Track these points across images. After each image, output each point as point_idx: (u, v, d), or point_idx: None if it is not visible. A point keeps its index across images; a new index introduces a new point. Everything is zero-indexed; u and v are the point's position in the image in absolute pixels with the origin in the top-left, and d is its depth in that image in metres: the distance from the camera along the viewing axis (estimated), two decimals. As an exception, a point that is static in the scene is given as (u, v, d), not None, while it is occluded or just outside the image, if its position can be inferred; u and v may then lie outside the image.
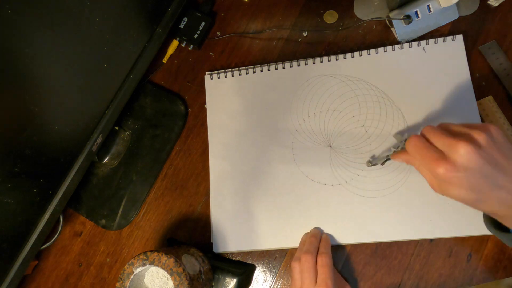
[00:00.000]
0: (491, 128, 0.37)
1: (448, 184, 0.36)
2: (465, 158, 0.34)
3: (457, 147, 0.35)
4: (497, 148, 0.36)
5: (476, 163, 0.34)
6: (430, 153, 0.37)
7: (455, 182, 0.36)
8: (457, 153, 0.35)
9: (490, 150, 0.35)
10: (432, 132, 0.38)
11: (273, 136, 0.56)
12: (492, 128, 0.37)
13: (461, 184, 0.36)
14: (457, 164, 0.35)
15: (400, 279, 0.50)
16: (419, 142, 0.39)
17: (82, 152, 0.50)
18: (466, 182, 0.35)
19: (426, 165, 0.37)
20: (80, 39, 0.43)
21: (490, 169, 0.35)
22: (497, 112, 0.51)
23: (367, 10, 0.57)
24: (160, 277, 0.47)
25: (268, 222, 0.53)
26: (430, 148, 0.37)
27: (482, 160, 0.34)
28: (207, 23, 0.61)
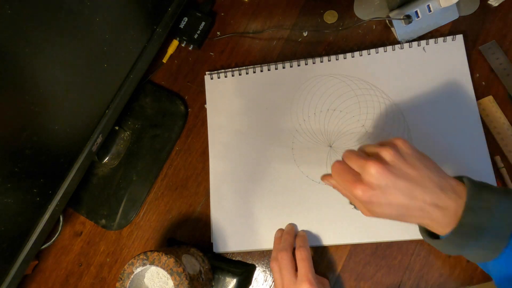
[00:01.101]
0: (397, 142, 0.38)
1: (370, 205, 0.37)
2: (376, 177, 0.36)
3: (367, 167, 0.36)
4: (405, 161, 0.37)
5: (388, 179, 0.36)
6: (347, 176, 0.38)
7: (375, 201, 0.37)
8: (368, 174, 0.36)
9: (398, 164, 0.36)
10: (348, 156, 0.40)
11: (273, 136, 0.56)
12: (399, 141, 0.38)
13: (381, 202, 0.37)
14: (371, 184, 0.36)
15: (400, 279, 0.50)
16: (339, 167, 0.40)
17: (82, 152, 0.50)
18: (384, 199, 0.36)
19: (346, 189, 0.39)
20: (80, 39, 0.43)
21: (402, 182, 0.36)
22: (497, 112, 0.51)
23: (367, 10, 0.57)
24: (160, 277, 0.47)
25: (268, 222, 0.53)
26: (348, 172, 0.39)
27: (392, 176, 0.36)
28: (207, 23, 0.61)
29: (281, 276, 0.45)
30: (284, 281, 0.45)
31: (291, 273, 0.45)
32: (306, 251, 0.46)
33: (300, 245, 0.48)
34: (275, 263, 0.47)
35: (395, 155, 0.37)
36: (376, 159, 0.37)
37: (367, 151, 0.40)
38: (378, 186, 0.36)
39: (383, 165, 0.36)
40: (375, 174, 0.36)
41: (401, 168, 0.36)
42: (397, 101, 0.53)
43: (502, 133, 0.50)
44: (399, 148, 0.37)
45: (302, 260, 0.45)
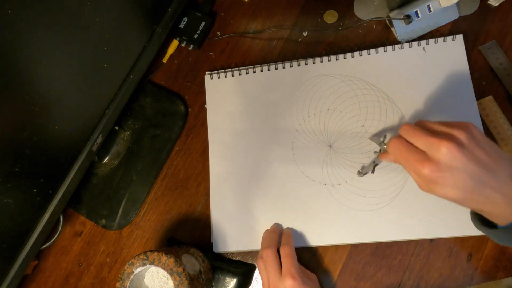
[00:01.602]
0: (471, 126, 0.37)
1: (434, 184, 0.36)
2: (448, 157, 0.35)
3: (439, 146, 0.35)
4: (479, 146, 0.36)
5: (459, 161, 0.35)
6: (413, 155, 0.37)
7: (441, 182, 0.36)
8: (440, 153, 0.35)
9: (471, 148, 0.35)
10: (412, 132, 0.38)
11: (273, 136, 0.56)
12: (472, 126, 0.37)
13: (447, 183, 0.36)
14: (441, 164, 0.35)
15: (400, 279, 0.50)
16: (399, 144, 0.39)
17: (82, 152, 0.50)
18: (451, 181, 0.35)
19: (411, 167, 0.38)
20: (80, 38, 0.43)
21: (474, 166, 0.35)
22: (497, 112, 0.51)
23: (367, 10, 0.57)
24: (160, 277, 0.47)
25: (268, 222, 0.53)
26: (412, 149, 0.38)
27: (465, 158, 0.35)
28: (207, 23, 0.61)
29: (267, 273, 0.46)
30: (269, 277, 0.46)
31: (275, 269, 0.45)
32: (289, 248, 0.47)
33: (283, 242, 0.48)
34: (260, 261, 0.47)
35: (469, 138, 0.35)
36: (450, 139, 0.35)
37: (433, 128, 0.38)
38: (449, 167, 0.35)
39: (457, 145, 0.35)
40: (447, 154, 0.35)
41: (474, 151, 0.35)
42: (397, 101, 0.53)
43: (502, 133, 0.50)
44: (473, 132, 0.36)
45: (285, 256, 0.46)
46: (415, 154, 0.37)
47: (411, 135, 0.38)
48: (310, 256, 0.52)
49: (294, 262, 0.46)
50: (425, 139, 0.37)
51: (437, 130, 0.38)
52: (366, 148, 0.53)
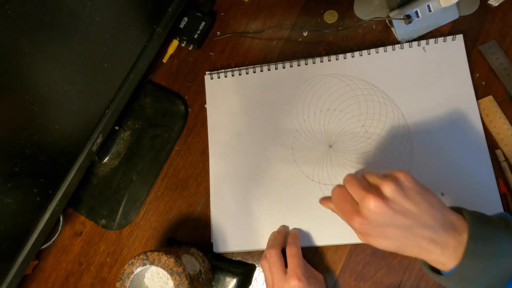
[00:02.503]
0: (399, 174, 0.37)
1: (367, 236, 0.37)
2: (374, 212, 0.35)
3: (366, 201, 0.36)
4: (406, 196, 0.36)
5: (386, 215, 0.35)
6: (346, 205, 0.38)
7: (372, 234, 0.36)
8: (366, 208, 0.36)
9: (398, 199, 0.35)
10: (350, 183, 0.39)
11: (273, 136, 0.56)
12: (401, 174, 0.37)
13: (378, 235, 0.36)
14: (368, 218, 0.36)
15: (400, 279, 0.50)
16: (339, 193, 0.39)
17: (82, 152, 0.50)
18: (381, 233, 0.36)
19: (344, 217, 0.38)
20: (80, 38, 0.43)
21: (401, 218, 0.35)
22: (497, 112, 0.51)
23: (367, 10, 0.57)
24: (160, 277, 0.47)
25: (268, 222, 0.53)
26: (346, 200, 0.38)
27: (390, 211, 0.35)
28: (207, 23, 0.61)
29: (271, 274, 0.46)
30: (274, 278, 0.45)
31: (280, 270, 0.45)
32: (295, 248, 0.47)
33: (290, 242, 0.48)
34: (264, 261, 0.47)
35: (396, 190, 0.36)
36: (376, 193, 0.36)
37: (369, 181, 0.39)
38: (376, 221, 0.36)
39: (383, 200, 0.35)
40: (373, 208, 0.35)
41: (401, 203, 0.35)
42: (397, 101, 0.53)
43: (502, 133, 0.50)
44: (401, 181, 0.36)
45: (291, 257, 0.46)
46: (348, 205, 0.38)
47: (349, 184, 0.39)
48: (310, 256, 0.52)
49: (300, 262, 0.45)
50: (357, 191, 0.37)
51: (371, 182, 0.38)
52: (366, 148, 0.53)
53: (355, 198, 0.38)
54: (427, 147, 0.51)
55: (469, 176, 0.49)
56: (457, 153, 0.50)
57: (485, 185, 0.48)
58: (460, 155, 0.50)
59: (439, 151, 0.50)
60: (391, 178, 0.37)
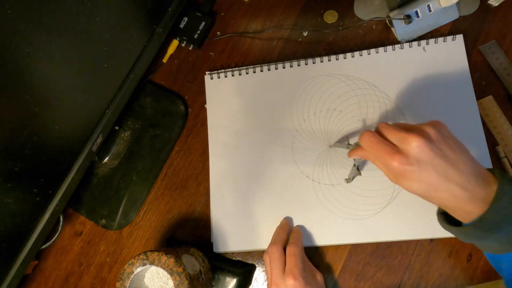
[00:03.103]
0: (440, 124, 0.39)
1: (401, 177, 0.38)
2: (417, 151, 0.36)
3: (409, 140, 0.36)
4: (446, 142, 0.37)
5: (427, 155, 0.36)
6: (384, 147, 0.38)
7: (408, 175, 0.37)
8: (409, 146, 0.36)
9: (439, 143, 0.37)
10: (386, 128, 0.40)
11: (273, 136, 0.56)
12: (441, 124, 0.39)
13: (414, 177, 0.37)
14: (409, 157, 0.36)
15: (400, 279, 0.50)
16: (372, 137, 0.40)
17: (82, 152, 0.50)
18: (418, 174, 0.37)
19: (380, 159, 0.39)
20: (80, 38, 0.43)
21: (440, 161, 0.36)
22: (497, 112, 0.51)
23: (367, 10, 0.57)
24: (160, 277, 0.47)
25: (268, 222, 0.53)
26: (384, 142, 0.39)
27: (432, 152, 0.36)
28: (207, 23, 0.61)
29: (271, 269, 0.47)
30: (272, 274, 0.46)
31: (279, 267, 0.46)
32: (295, 247, 0.47)
33: (290, 241, 0.49)
34: (266, 256, 0.48)
35: (438, 134, 0.37)
36: (420, 134, 0.37)
37: (406, 126, 0.40)
38: (417, 161, 0.36)
39: (426, 140, 0.36)
40: (416, 147, 0.36)
41: (441, 147, 0.37)
42: (397, 100, 0.53)
43: (502, 133, 0.50)
44: (442, 129, 0.38)
45: (290, 256, 0.46)
46: (386, 146, 0.38)
47: (385, 130, 0.40)
48: (310, 256, 0.52)
49: (298, 262, 0.46)
50: (397, 133, 0.38)
51: (410, 127, 0.39)
52: (366, 148, 0.53)
53: (393, 140, 0.38)
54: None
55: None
56: (457, 153, 0.50)
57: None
58: (460, 155, 0.50)
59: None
60: (431, 124, 0.38)
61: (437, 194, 0.37)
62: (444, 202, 0.38)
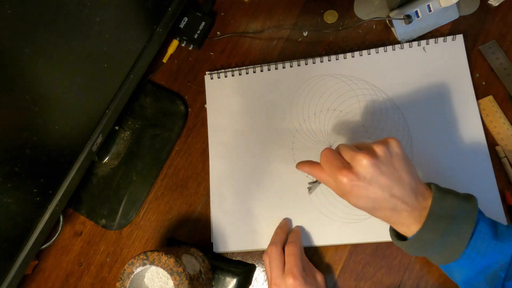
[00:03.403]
0: (390, 140, 0.40)
1: (348, 193, 0.40)
2: (364, 169, 0.38)
3: (357, 158, 0.39)
4: (392, 160, 0.39)
5: (373, 173, 0.38)
6: (337, 163, 0.40)
7: (355, 191, 0.39)
8: (358, 164, 0.38)
9: (386, 161, 0.39)
10: (341, 146, 0.42)
11: (273, 136, 0.56)
12: (392, 140, 0.40)
13: (361, 193, 0.39)
14: (358, 174, 0.38)
15: (400, 279, 0.50)
16: (329, 153, 0.42)
17: (82, 152, 0.50)
18: (365, 191, 0.39)
19: (332, 173, 0.40)
20: (80, 38, 0.43)
21: (385, 179, 0.38)
22: (497, 112, 0.51)
23: (367, 10, 0.57)
24: (160, 277, 0.47)
25: (268, 222, 0.53)
26: (338, 159, 0.41)
27: (378, 170, 0.38)
28: (207, 23, 0.61)
29: (270, 269, 0.47)
30: (272, 274, 0.47)
31: (278, 266, 0.47)
32: (294, 247, 0.47)
33: (289, 240, 0.49)
34: (266, 256, 0.49)
35: (386, 152, 0.39)
36: (369, 152, 0.39)
37: (360, 145, 0.42)
38: (364, 178, 0.38)
39: (374, 158, 0.38)
40: (365, 165, 0.38)
41: (387, 165, 0.39)
42: (397, 101, 0.53)
43: (502, 133, 0.50)
44: (391, 146, 0.40)
45: (289, 255, 0.47)
46: (339, 162, 0.40)
47: (340, 148, 0.42)
48: (310, 256, 0.52)
49: (297, 261, 0.46)
50: (349, 152, 0.40)
51: (363, 146, 0.41)
52: (366, 148, 0.53)
53: (346, 157, 0.40)
54: (426, 147, 0.51)
55: (469, 176, 0.49)
56: (457, 153, 0.50)
57: (485, 184, 0.48)
58: (460, 155, 0.50)
59: (438, 151, 0.50)
60: (382, 142, 0.40)
61: (381, 210, 0.40)
62: (388, 217, 0.40)
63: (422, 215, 0.38)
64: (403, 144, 0.51)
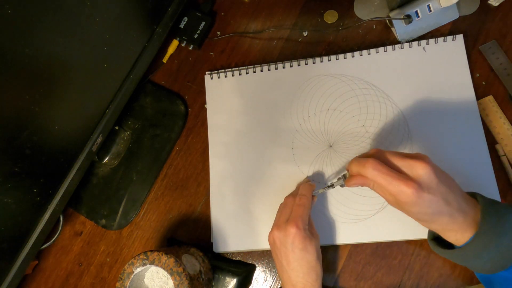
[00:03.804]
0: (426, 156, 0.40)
1: (410, 204, 0.39)
2: (427, 177, 0.38)
3: (417, 166, 0.38)
4: (440, 170, 0.40)
5: (434, 181, 0.38)
6: (396, 175, 0.39)
7: (419, 202, 0.38)
8: (418, 173, 0.38)
9: (438, 170, 0.39)
10: (388, 155, 0.41)
11: (273, 136, 0.56)
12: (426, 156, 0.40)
13: (424, 203, 0.38)
14: (421, 183, 0.38)
15: (400, 279, 0.50)
16: (379, 165, 0.40)
17: (82, 152, 0.50)
18: (428, 200, 0.38)
19: (395, 187, 0.39)
20: (80, 38, 0.43)
21: (443, 187, 0.38)
22: (497, 112, 0.51)
23: (367, 10, 0.57)
24: (160, 277, 0.47)
25: (268, 222, 0.53)
26: (393, 171, 0.39)
27: (437, 178, 0.38)
28: (207, 23, 0.61)
29: (279, 214, 0.47)
30: (279, 220, 0.47)
31: (288, 214, 0.46)
32: (304, 199, 0.47)
33: (301, 192, 0.48)
34: (282, 204, 0.49)
35: (433, 164, 0.39)
36: (425, 161, 0.38)
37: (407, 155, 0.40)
38: (428, 187, 0.38)
39: (432, 166, 0.38)
40: (425, 174, 0.38)
41: (440, 175, 0.39)
42: (397, 101, 0.53)
43: (502, 133, 0.50)
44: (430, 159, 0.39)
45: (298, 206, 0.46)
46: (395, 173, 0.39)
47: (387, 157, 0.41)
48: (310, 256, 0.52)
49: (304, 213, 0.45)
50: (404, 160, 0.39)
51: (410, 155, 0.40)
52: (366, 147, 0.53)
53: (402, 167, 0.39)
54: (427, 146, 0.51)
55: (469, 176, 0.49)
56: (457, 153, 0.50)
57: (485, 184, 0.48)
58: (460, 155, 0.50)
59: (439, 151, 0.50)
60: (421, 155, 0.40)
61: (439, 219, 0.39)
62: (444, 225, 0.40)
63: (475, 220, 0.38)
64: (404, 144, 0.52)
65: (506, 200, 0.48)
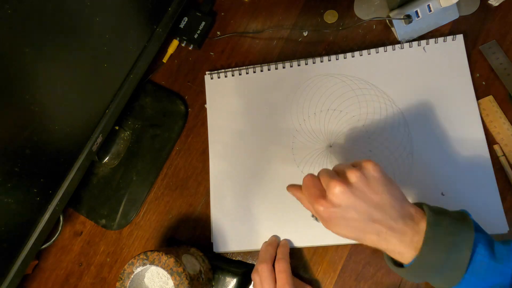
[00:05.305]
0: (367, 164, 0.38)
1: (329, 222, 0.39)
2: (337, 196, 0.37)
3: (331, 185, 0.37)
4: (369, 185, 0.37)
5: (348, 200, 0.37)
6: (314, 191, 0.39)
7: (333, 219, 0.38)
8: (331, 192, 0.37)
9: (361, 187, 0.37)
10: (321, 172, 0.40)
11: (273, 136, 0.56)
12: (369, 164, 0.38)
13: (339, 222, 0.38)
14: (332, 202, 0.37)
15: (400, 279, 0.50)
16: (308, 181, 0.40)
17: (82, 152, 0.50)
18: (342, 219, 0.38)
19: (311, 203, 0.39)
20: (80, 38, 0.43)
21: (362, 204, 0.37)
22: (497, 112, 0.51)
23: (368, 9, 0.57)
24: (160, 277, 0.47)
25: (268, 222, 0.53)
26: (316, 187, 0.39)
27: (353, 196, 0.37)
28: (207, 22, 0.61)
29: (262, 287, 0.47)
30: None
31: (270, 285, 0.46)
32: (285, 263, 0.47)
33: (279, 257, 0.48)
34: (256, 275, 0.48)
35: (360, 178, 0.37)
36: (341, 179, 0.37)
37: (338, 170, 0.40)
38: (339, 205, 0.37)
39: (346, 185, 0.37)
40: (337, 193, 0.37)
41: (364, 191, 0.37)
42: (397, 100, 0.53)
43: (502, 133, 0.50)
44: (367, 171, 0.38)
45: (280, 272, 0.46)
46: (316, 190, 0.39)
47: (320, 174, 0.41)
48: (310, 256, 0.52)
49: (289, 278, 0.46)
50: (325, 178, 0.39)
51: (339, 170, 0.39)
52: (366, 147, 0.53)
53: (323, 185, 0.39)
54: (427, 147, 0.51)
55: (469, 176, 0.49)
56: (457, 153, 0.50)
57: (485, 184, 0.48)
58: (460, 155, 0.50)
59: (439, 151, 0.50)
60: (359, 167, 0.38)
61: (366, 237, 0.38)
62: (375, 244, 0.38)
63: (414, 240, 0.36)
64: (404, 144, 0.52)
65: (506, 201, 0.48)
